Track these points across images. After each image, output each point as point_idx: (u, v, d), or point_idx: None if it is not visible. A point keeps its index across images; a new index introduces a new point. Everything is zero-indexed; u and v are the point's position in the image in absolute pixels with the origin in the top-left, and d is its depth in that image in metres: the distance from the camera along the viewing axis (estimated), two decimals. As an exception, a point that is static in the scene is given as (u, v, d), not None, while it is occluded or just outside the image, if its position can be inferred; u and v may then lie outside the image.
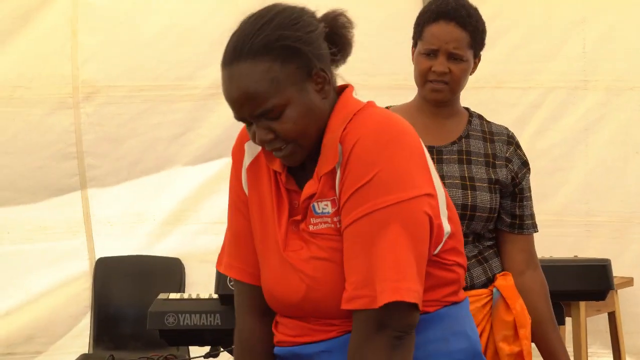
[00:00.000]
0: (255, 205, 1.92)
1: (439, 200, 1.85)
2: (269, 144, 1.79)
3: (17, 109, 4.69)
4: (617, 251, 4.59)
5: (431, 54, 2.76)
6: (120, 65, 4.78)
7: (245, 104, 1.76)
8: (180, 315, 3.19)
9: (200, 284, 4.62)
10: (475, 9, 2.84)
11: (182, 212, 4.87)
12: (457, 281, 1.91)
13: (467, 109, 2.94)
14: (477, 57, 2.82)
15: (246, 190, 1.94)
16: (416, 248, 1.75)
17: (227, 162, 4.80)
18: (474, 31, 2.79)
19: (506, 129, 2.91)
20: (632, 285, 4.69)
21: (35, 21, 4.65)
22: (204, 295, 3.34)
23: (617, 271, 3.75)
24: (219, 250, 2.03)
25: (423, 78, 2.78)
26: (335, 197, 1.80)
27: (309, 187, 1.82)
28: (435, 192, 1.84)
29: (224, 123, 4.71)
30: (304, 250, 1.83)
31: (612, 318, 4.60)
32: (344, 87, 1.88)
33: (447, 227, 1.86)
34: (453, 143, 2.83)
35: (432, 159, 2.77)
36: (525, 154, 2.87)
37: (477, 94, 4.19)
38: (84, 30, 4.72)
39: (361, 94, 5.14)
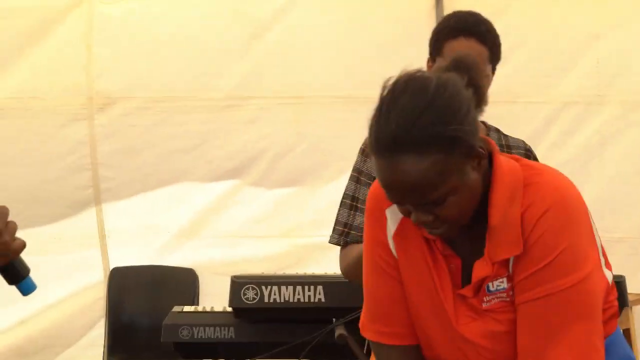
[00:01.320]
0: (408, 270, 1.91)
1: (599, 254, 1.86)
2: (427, 225, 1.77)
3: (31, 121, 4.70)
4: (632, 268, 4.56)
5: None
6: (134, 76, 4.79)
7: (409, 195, 1.71)
8: (194, 328, 3.19)
9: (214, 295, 4.62)
10: (492, 24, 2.85)
11: (197, 224, 4.87)
12: (616, 313, 1.93)
13: (484, 122, 2.94)
14: (493, 72, 2.82)
15: (395, 255, 1.93)
16: (591, 324, 1.77)
17: (243, 176, 4.82)
18: (493, 46, 2.79)
19: (523, 142, 2.91)
20: (647, 302, 4.67)
21: (51, 33, 4.67)
22: (218, 308, 3.34)
23: (632, 288, 3.73)
24: (233, 263, 2.03)
25: None
26: (509, 273, 1.81)
27: (481, 270, 1.81)
28: (599, 257, 1.85)
29: (241, 135, 4.73)
30: (478, 324, 1.84)
31: (627, 335, 4.58)
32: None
33: (609, 277, 1.89)
34: (471, 157, 2.83)
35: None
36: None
37: (492, 108, 4.18)
38: (98, 41, 4.73)
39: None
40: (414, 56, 4.77)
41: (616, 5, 4.87)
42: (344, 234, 2.86)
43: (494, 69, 2.82)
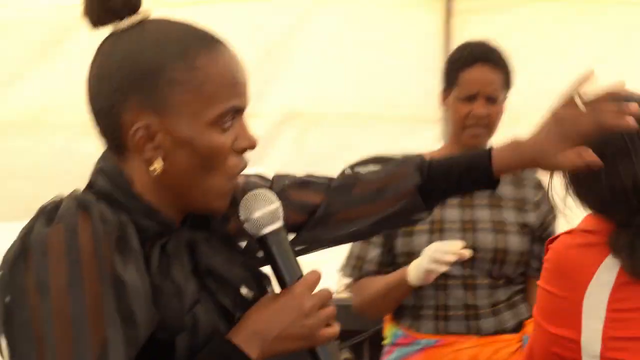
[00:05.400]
0: None
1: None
2: None
3: (41, 135, 4.74)
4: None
5: (470, 98, 2.83)
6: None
7: None
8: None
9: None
10: (504, 51, 2.93)
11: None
12: None
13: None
14: (506, 97, 2.91)
15: None
16: None
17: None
18: (507, 72, 2.88)
19: (535, 173, 2.98)
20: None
21: (63, 47, 4.70)
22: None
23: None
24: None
25: (462, 123, 2.85)
26: None
27: None
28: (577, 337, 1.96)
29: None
30: None
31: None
32: None
33: None
34: (484, 188, 2.90)
35: (463, 203, 2.85)
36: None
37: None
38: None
39: (379, 125, 5.21)
40: (421, 78, 4.91)
41: (618, 30, 4.93)
42: (357, 267, 2.94)
43: (507, 95, 2.91)
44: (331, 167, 5.17)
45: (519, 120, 4.91)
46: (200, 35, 1.53)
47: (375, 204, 1.84)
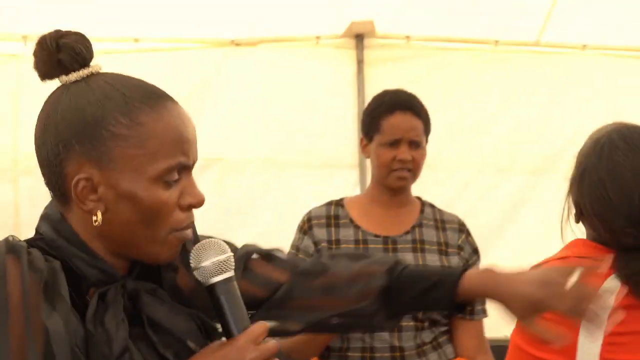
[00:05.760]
0: None
1: None
2: None
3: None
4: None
5: (394, 143, 2.91)
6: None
7: None
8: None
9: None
10: (419, 98, 3.02)
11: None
12: None
13: (419, 198, 3.09)
14: (426, 143, 2.99)
15: None
16: None
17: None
18: (426, 119, 2.97)
19: (457, 217, 3.07)
20: None
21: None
22: None
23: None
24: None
25: (387, 168, 2.93)
26: None
27: None
28: None
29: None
30: None
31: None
32: None
33: None
34: (407, 232, 2.98)
35: (387, 248, 2.93)
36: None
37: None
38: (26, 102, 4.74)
39: (297, 171, 5.25)
40: (337, 125, 5.00)
41: (525, 75, 5.11)
42: None
43: (427, 141, 3.00)
44: (250, 212, 5.23)
45: (436, 164, 5.10)
46: (148, 91, 1.54)
47: (338, 298, 1.83)
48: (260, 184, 5.02)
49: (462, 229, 3.05)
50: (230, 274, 1.57)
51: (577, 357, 1.95)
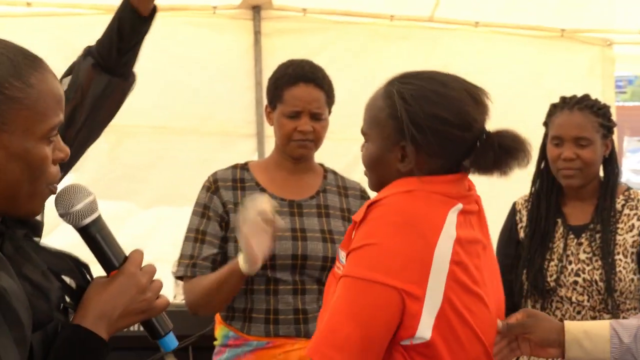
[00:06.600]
0: None
1: (425, 306, 1.97)
2: None
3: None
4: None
5: (295, 115, 2.96)
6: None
7: None
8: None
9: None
10: (325, 71, 3.07)
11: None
12: None
13: (321, 164, 3.16)
14: (329, 113, 3.05)
15: None
16: (358, 326, 1.95)
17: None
18: (329, 90, 3.02)
19: (359, 184, 3.14)
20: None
21: None
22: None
23: None
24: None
25: (288, 138, 2.98)
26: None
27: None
28: (422, 295, 1.96)
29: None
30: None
31: None
32: None
33: (424, 333, 1.98)
34: (312, 197, 3.04)
35: (293, 212, 2.98)
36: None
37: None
38: None
39: (194, 139, 5.26)
40: (235, 95, 5.00)
41: (420, 49, 5.21)
42: (190, 265, 2.99)
43: (330, 112, 3.05)
44: (145, 178, 5.20)
45: (331, 134, 5.16)
46: (29, 55, 1.60)
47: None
48: (155, 151, 5.02)
49: (363, 195, 3.12)
50: (98, 212, 1.68)
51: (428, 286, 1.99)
